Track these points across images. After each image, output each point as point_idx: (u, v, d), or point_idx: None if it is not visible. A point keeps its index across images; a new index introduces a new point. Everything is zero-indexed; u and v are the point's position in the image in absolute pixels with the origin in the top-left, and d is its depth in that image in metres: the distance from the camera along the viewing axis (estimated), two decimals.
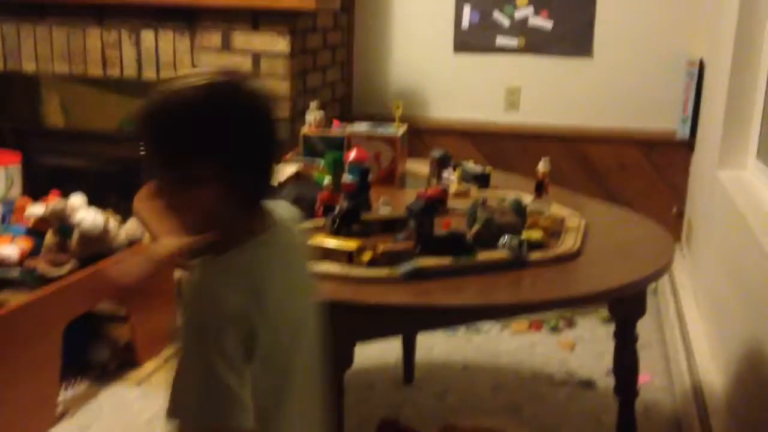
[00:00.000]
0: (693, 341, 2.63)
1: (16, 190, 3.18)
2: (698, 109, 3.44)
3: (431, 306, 1.61)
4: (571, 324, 3.23)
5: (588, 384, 2.76)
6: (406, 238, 1.78)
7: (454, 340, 3.08)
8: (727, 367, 2.27)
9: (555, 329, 3.17)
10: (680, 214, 3.58)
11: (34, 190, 3.19)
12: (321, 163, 2.26)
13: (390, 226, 1.89)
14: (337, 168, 2.13)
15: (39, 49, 3.37)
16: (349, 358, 1.59)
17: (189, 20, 3.20)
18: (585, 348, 3.03)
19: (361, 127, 2.37)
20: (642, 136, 3.60)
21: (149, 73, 3.28)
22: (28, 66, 3.40)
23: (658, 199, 3.58)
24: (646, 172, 3.60)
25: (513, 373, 2.85)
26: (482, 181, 2.27)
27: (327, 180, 2.03)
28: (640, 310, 1.94)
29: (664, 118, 3.60)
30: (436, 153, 2.33)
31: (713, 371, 2.39)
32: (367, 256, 1.65)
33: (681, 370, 2.59)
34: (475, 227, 1.79)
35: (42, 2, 3.30)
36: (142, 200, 2.13)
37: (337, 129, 2.43)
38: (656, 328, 3.16)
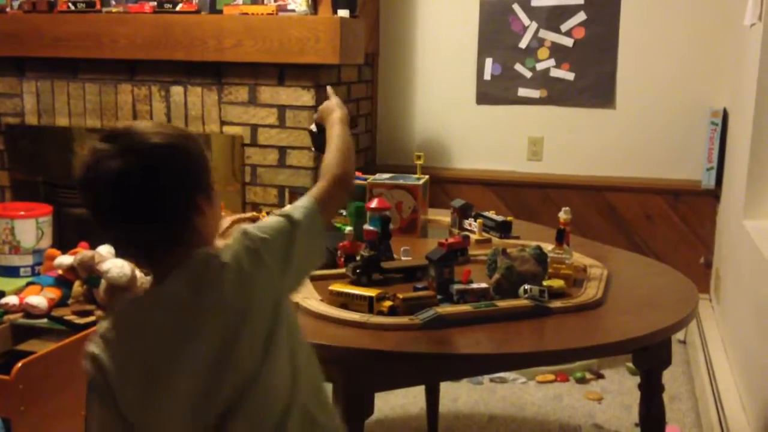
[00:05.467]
0: (723, 393, 2.57)
1: (47, 241, 3.24)
2: (723, 159, 3.42)
3: (451, 354, 1.60)
4: (598, 375, 3.17)
5: None
6: (425, 286, 1.79)
7: (479, 390, 3.04)
8: (757, 419, 2.22)
9: (581, 380, 3.12)
10: (708, 264, 3.54)
11: (65, 241, 3.25)
12: (343, 212, 2.29)
13: (411, 274, 1.90)
14: (358, 217, 2.14)
15: (72, 104, 3.48)
16: (368, 407, 1.58)
17: (217, 75, 3.29)
18: (612, 400, 2.97)
19: (382, 178, 2.39)
20: (667, 185, 3.59)
21: None
22: (62, 120, 3.51)
23: (685, 249, 3.55)
24: (672, 222, 3.57)
25: (539, 425, 2.80)
26: (503, 230, 2.27)
27: (348, 229, 2.05)
28: (665, 361, 1.90)
29: (689, 168, 3.59)
30: (457, 203, 2.34)
31: (744, 423, 2.33)
32: (386, 303, 1.66)
33: (711, 423, 2.53)
34: (496, 276, 1.79)
35: (76, 59, 3.41)
36: None
37: (358, 179, 2.46)
38: (686, 380, 3.10)
